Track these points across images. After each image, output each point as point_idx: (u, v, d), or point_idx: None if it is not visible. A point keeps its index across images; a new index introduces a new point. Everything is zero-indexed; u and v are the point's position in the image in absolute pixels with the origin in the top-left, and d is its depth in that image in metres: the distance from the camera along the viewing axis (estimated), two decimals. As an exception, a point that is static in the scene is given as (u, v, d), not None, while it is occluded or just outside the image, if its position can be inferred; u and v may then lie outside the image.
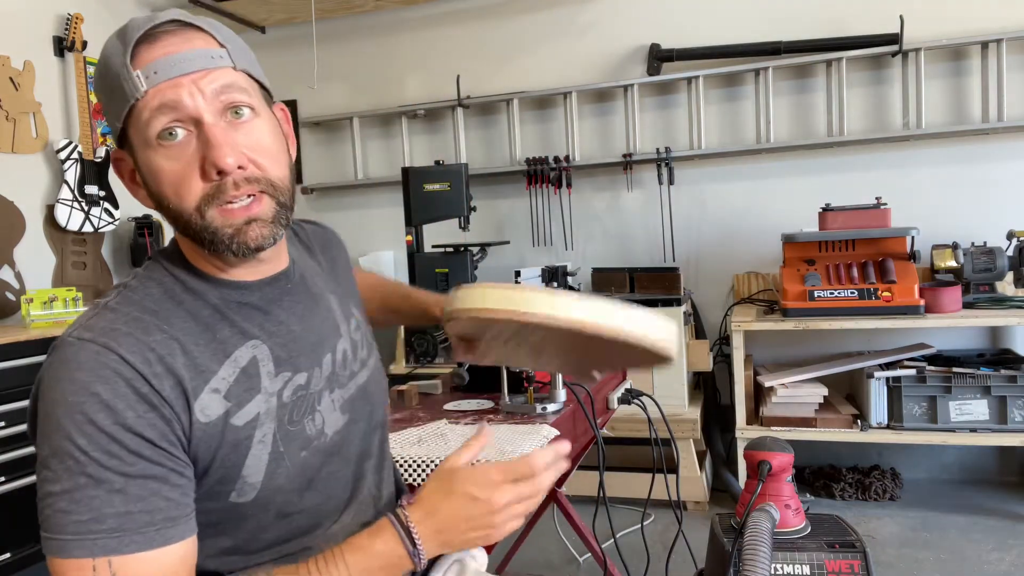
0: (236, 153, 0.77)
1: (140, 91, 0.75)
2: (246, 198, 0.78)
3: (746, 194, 3.37)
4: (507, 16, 3.66)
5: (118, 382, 0.72)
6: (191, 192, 0.77)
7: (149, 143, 0.77)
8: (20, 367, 2.41)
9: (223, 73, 0.78)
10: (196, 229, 0.78)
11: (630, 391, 1.84)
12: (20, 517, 2.40)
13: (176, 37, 0.78)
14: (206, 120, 0.76)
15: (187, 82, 0.76)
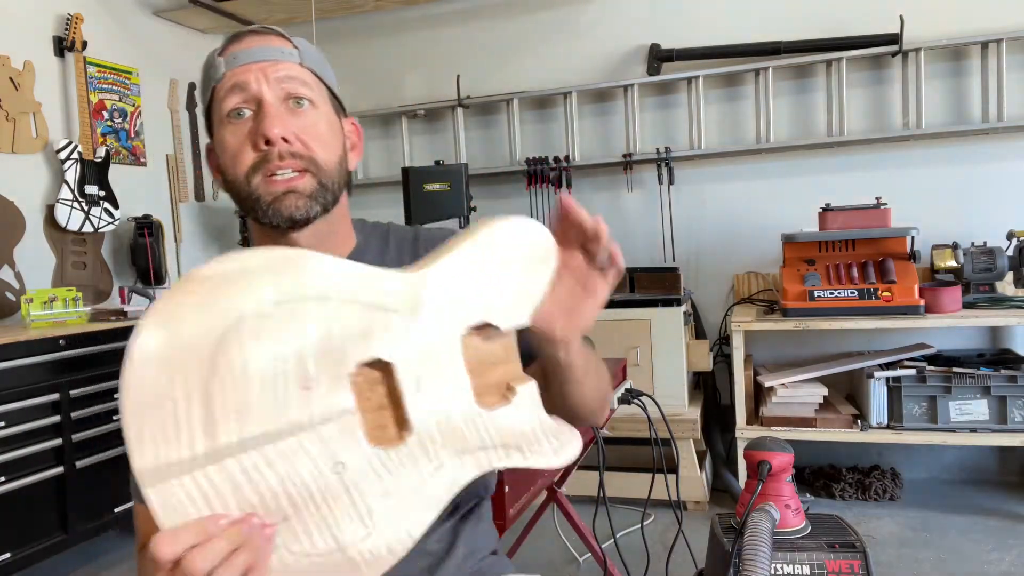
0: (285, 128, 0.84)
1: (220, 73, 0.87)
2: (290, 172, 0.85)
3: (746, 194, 3.37)
4: (507, 16, 3.66)
5: None
6: (243, 161, 0.86)
7: (221, 120, 0.87)
8: (20, 367, 2.41)
9: (289, 66, 0.88)
10: (243, 196, 0.86)
11: (630, 391, 1.84)
12: (20, 517, 2.40)
13: (259, 37, 0.90)
14: (266, 99, 0.85)
15: (256, 68, 0.86)
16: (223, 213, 4.06)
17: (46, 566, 2.63)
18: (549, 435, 0.74)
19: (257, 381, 0.60)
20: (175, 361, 0.59)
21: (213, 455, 0.59)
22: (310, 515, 0.62)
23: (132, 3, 3.55)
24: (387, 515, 0.66)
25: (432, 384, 0.70)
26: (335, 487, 0.64)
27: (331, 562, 0.63)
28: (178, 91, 3.79)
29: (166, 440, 0.58)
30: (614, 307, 3.05)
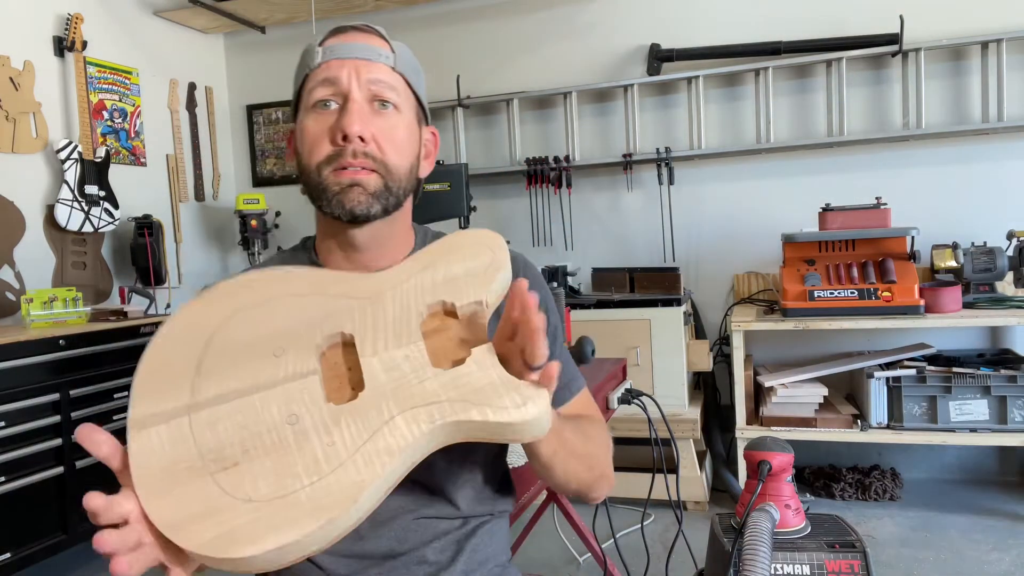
0: (364, 128, 0.88)
1: (315, 62, 0.90)
2: (360, 169, 0.88)
3: (746, 194, 3.37)
4: (507, 16, 3.66)
5: None
6: (319, 152, 0.89)
7: (307, 108, 0.91)
8: (20, 367, 2.41)
9: (381, 68, 0.91)
10: (312, 184, 0.90)
11: (630, 391, 1.84)
12: (20, 517, 2.40)
13: (360, 34, 0.93)
14: (352, 96, 0.88)
15: (350, 65, 0.89)
16: (223, 213, 4.06)
17: (46, 566, 2.63)
18: (510, 390, 0.73)
19: (239, 351, 0.73)
20: (181, 338, 0.74)
21: (190, 408, 0.70)
22: (259, 462, 0.67)
23: (132, 3, 3.55)
24: (332, 466, 0.67)
25: (387, 349, 0.75)
26: (287, 437, 0.69)
27: (271, 507, 0.65)
28: (178, 91, 3.79)
29: (157, 396, 0.70)
30: (614, 307, 3.05)
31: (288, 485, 0.66)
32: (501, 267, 0.82)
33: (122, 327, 2.77)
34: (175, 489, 0.65)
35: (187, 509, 0.64)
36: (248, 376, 0.72)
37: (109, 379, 2.70)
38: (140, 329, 2.84)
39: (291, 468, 0.67)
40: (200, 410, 0.69)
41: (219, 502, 0.65)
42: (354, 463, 0.67)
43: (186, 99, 3.87)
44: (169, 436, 0.68)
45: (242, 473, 0.66)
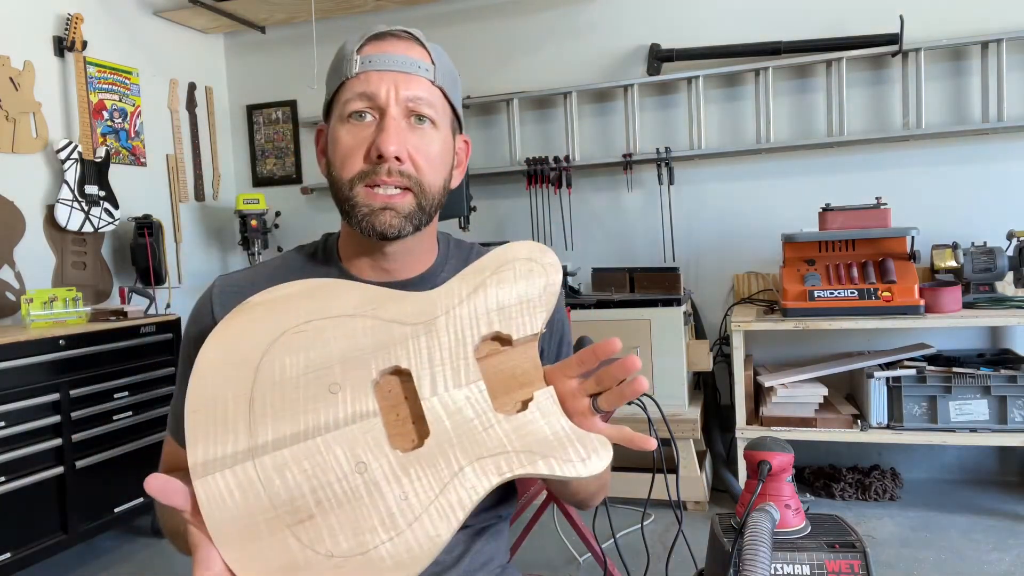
0: (400, 146, 0.86)
1: (353, 71, 0.87)
2: (393, 188, 0.87)
3: (746, 194, 3.37)
4: (507, 16, 3.66)
5: (206, 316, 0.93)
6: (353, 166, 0.87)
7: (342, 117, 0.88)
8: (20, 367, 2.41)
9: (421, 83, 0.88)
10: (343, 198, 0.89)
11: (630, 391, 1.84)
12: (20, 517, 2.40)
13: (400, 42, 0.90)
14: (390, 113, 0.86)
15: (389, 79, 0.87)
16: (223, 213, 4.06)
17: (46, 566, 2.63)
18: (574, 442, 0.73)
19: (292, 385, 0.70)
20: (227, 369, 0.70)
21: (251, 451, 0.67)
22: (334, 515, 0.67)
23: (132, 3, 3.55)
24: (408, 519, 0.68)
25: (447, 389, 0.73)
26: (358, 487, 0.68)
27: (353, 564, 0.65)
28: (178, 91, 3.79)
29: (214, 438, 0.68)
30: (614, 307, 3.05)
31: (367, 541, 0.66)
32: (556, 292, 0.81)
33: (122, 327, 2.77)
34: (254, 542, 0.65)
35: (271, 563, 0.64)
36: (307, 417, 0.69)
37: (109, 379, 2.70)
38: (140, 329, 2.84)
39: (367, 522, 0.67)
40: (263, 455, 0.67)
41: (301, 557, 0.65)
42: (429, 517, 0.68)
43: (186, 99, 3.87)
44: (236, 483, 0.66)
45: (319, 527, 0.66)
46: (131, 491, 2.77)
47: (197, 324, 0.94)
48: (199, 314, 0.95)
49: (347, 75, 0.88)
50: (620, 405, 0.75)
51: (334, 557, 0.65)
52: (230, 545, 0.64)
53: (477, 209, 3.45)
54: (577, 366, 0.76)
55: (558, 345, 1.05)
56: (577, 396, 0.76)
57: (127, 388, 2.77)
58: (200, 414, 0.68)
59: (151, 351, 2.87)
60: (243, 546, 0.64)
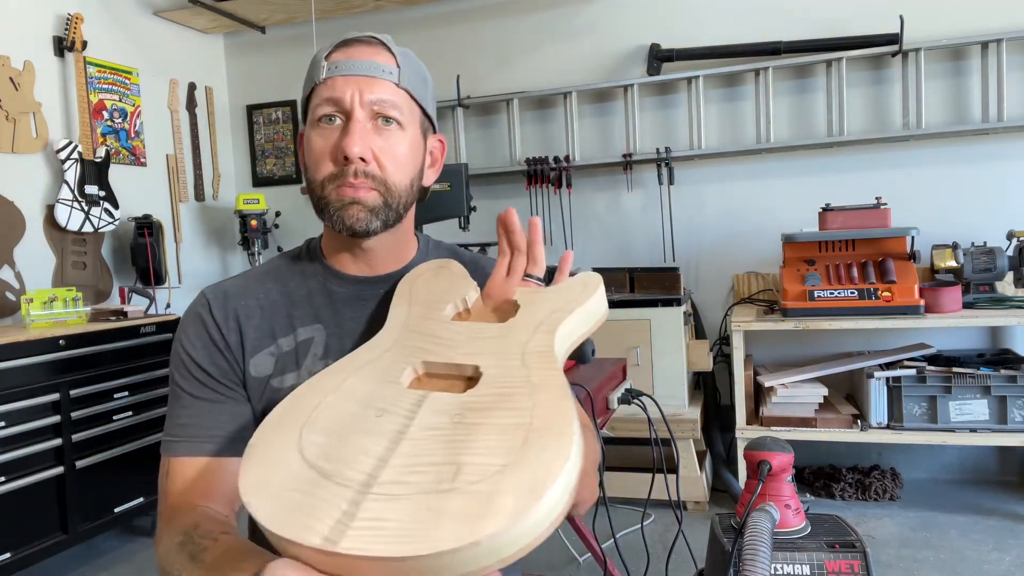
0: (364, 148, 0.89)
1: (321, 77, 0.91)
2: (359, 188, 0.91)
3: (746, 194, 3.37)
4: (507, 16, 3.66)
5: (200, 326, 0.95)
6: (323, 168, 0.92)
7: (313, 121, 0.93)
8: (20, 367, 2.41)
9: (385, 86, 0.91)
10: (317, 198, 0.94)
11: (630, 391, 1.84)
12: (20, 517, 2.40)
13: (366, 48, 0.93)
14: (354, 116, 0.90)
15: (353, 84, 0.90)
16: (223, 213, 4.06)
17: (46, 566, 2.63)
18: (571, 287, 0.88)
19: (345, 434, 0.67)
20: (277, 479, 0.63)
21: (357, 501, 0.60)
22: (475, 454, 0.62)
23: (132, 3, 3.55)
24: (529, 408, 0.66)
25: (455, 348, 0.79)
26: (472, 428, 0.66)
27: (518, 467, 0.61)
28: (178, 91, 3.79)
29: (314, 519, 0.59)
30: (614, 307, 3.05)
31: (519, 448, 0.63)
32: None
33: (122, 327, 2.77)
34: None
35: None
36: (376, 443, 0.65)
37: (109, 379, 2.70)
38: (140, 329, 2.84)
39: (504, 441, 0.63)
40: (367, 494, 0.60)
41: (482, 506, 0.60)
42: (541, 392, 0.69)
43: (186, 99, 3.87)
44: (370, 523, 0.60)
45: (467, 477, 0.61)
46: (131, 491, 2.77)
47: (195, 329, 0.95)
48: (195, 320, 0.96)
49: (316, 81, 0.92)
50: (541, 266, 0.91)
51: (505, 469, 0.60)
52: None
53: (477, 209, 3.45)
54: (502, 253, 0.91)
55: None
56: (512, 276, 0.91)
57: (127, 388, 2.77)
58: (283, 519, 0.60)
59: (151, 351, 2.87)
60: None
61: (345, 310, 0.98)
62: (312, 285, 1.00)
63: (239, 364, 0.94)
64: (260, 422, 0.93)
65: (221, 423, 0.92)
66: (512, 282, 0.90)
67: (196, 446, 0.91)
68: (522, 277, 0.91)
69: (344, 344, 0.97)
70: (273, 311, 0.97)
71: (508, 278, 0.90)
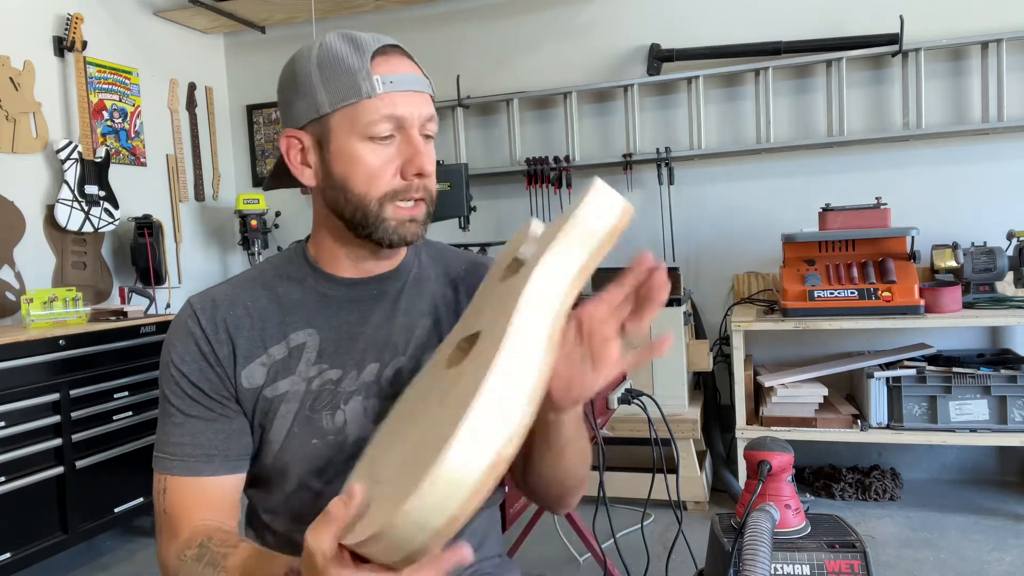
0: (430, 164, 0.91)
1: (376, 92, 0.87)
2: (414, 202, 0.92)
3: (746, 194, 3.37)
4: (507, 16, 3.66)
5: (189, 340, 0.93)
6: (382, 184, 0.90)
7: (363, 136, 0.88)
8: (20, 367, 2.41)
9: (429, 101, 0.93)
10: (369, 215, 0.90)
11: (630, 391, 1.84)
12: (20, 517, 2.40)
13: (403, 60, 0.91)
14: (417, 133, 0.90)
15: (413, 103, 0.89)
16: (223, 213, 4.06)
17: (46, 566, 2.63)
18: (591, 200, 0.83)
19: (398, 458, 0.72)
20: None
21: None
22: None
23: (132, 3, 3.55)
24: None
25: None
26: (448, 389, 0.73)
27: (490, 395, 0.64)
28: (178, 91, 3.79)
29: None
30: (614, 307, 3.05)
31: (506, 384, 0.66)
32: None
33: (122, 327, 2.77)
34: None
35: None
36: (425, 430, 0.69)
37: (109, 379, 2.70)
38: (140, 329, 2.84)
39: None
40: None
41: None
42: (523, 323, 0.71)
43: (186, 99, 3.87)
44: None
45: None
46: (131, 491, 2.77)
47: (184, 343, 0.93)
48: (184, 333, 0.94)
49: (368, 94, 0.87)
50: (647, 319, 0.81)
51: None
52: None
53: (477, 209, 3.45)
54: (618, 290, 0.82)
55: None
56: (607, 321, 0.80)
57: (127, 388, 2.77)
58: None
59: (151, 351, 2.87)
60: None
61: (339, 313, 0.97)
62: (303, 289, 0.98)
63: (230, 379, 0.93)
64: (255, 433, 0.94)
65: (215, 443, 0.92)
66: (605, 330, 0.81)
67: (193, 467, 0.91)
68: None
69: (339, 347, 0.96)
70: (263, 319, 0.95)
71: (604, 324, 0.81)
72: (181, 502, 0.90)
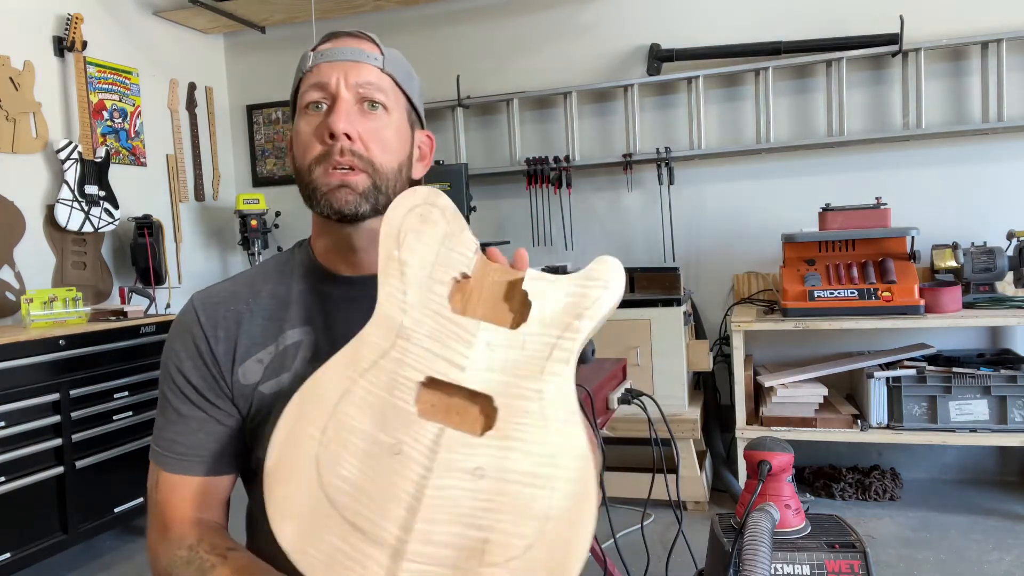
0: (351, 126, 0.89)
1: (308, 66, 0.93)
2: (347, 168, 0.90)
3: (746, 194, 3.37)
4: (507, 16, 3.66)
5: (187, 338, 0.94)
6: (311, 152, 0.91)
7: (300, 110, 0.93)
8: (20, 367, 2.41)
9: (370, 70, 0.93)
10: (304, 183, 0.93)
11: (630, 391, 1.84)
12: (20, 517, 2.40)
13: (352, 39, 0.95)
14: (340, 96, 0.90)
15: (340, 68, 0.91)
16: (223, 213, 4.06)
17: (46, 566, 2.63)
18: (584, 282, 0.76)
19: (367, 481, 0.67)
20: (314, 529, 0.66)
21: (396, 557, 0.64)
22: (505, 518, 0.65)
23: (132, 3, 3.55)
24: (549, 464, 0.67)
25: (466, 356, 0.73)
26: (492, 488, 0.66)
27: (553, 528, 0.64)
28: (178, 91, 3.79)
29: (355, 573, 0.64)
30: (614, 307, 3.05)
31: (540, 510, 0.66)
32: (455, 209, 0.86)
33: (122, 327, 2.77)
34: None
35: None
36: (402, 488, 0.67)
37: (109, 379, 2.70)
38: (140, 329, 2.84)
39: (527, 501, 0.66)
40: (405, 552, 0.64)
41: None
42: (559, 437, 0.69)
43: (186, 99, 3.87)
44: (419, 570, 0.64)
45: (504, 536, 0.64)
46: (131, 491, 2.78)
47: (182, 340, 0.94)
48: (183, 330, 0.95)
49: (303, 70, 0.93)
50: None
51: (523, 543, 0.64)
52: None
53: (477, 209, 3.45)
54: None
55: None
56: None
57: (127, 388, 2.77)
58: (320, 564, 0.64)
59: (151, 351, 2.87)
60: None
61: (336, 311, 0.97)
62: (303, 287, 0.98)
63: (226, 377, 0.93)
64: (249, 430, 0.93)
65: (208, 443, 0.92)
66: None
67: (186, 466, 0.91)
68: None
69: (334, 346, 0.94)
70: (262, 316, 0.96)
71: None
72: (171, 498, 0.91)
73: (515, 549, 0.63)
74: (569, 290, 0.76)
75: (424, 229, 0.79)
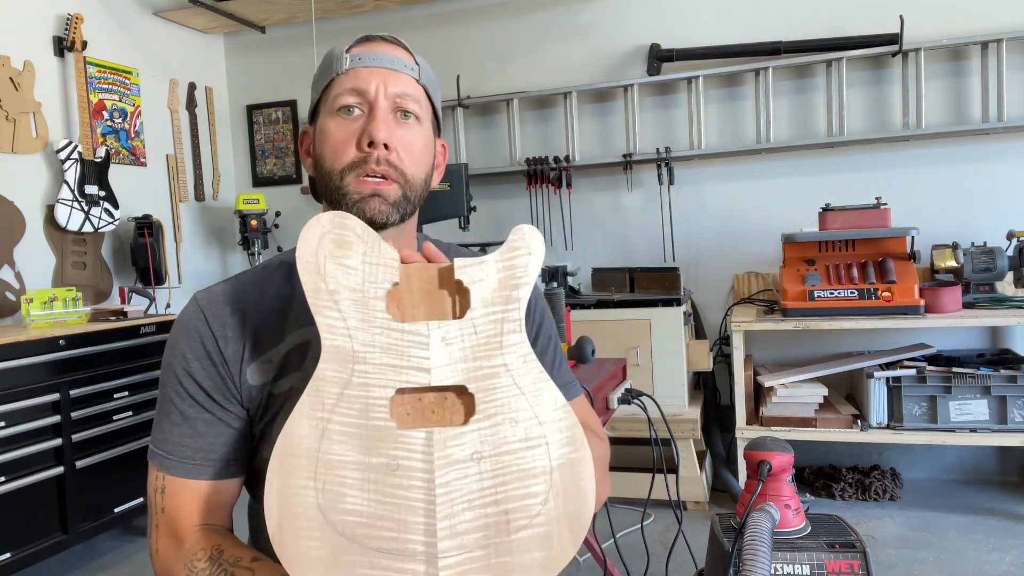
0: (390, 135, 0.90)
1: (343, 68, 0.91)
2: (380, 177, 0.90)
3: (746, 194, 3.37)
4: (507, 16, 3.66)
5: (194, 337, 0.91)
6: (344, 157, 0.90)
7: (331, 111, 0.92)
8: (20, 367, 2.41)
9: (407, 80, 0.93)
10: (333, 189, 0.91)
11: (630, 391, 1.84)
12: (20, 517, 2.40)
13: (388, 44, 0.94)
14: (379, 104, 0.90)
15: (379, 74, 0.91)
16: (223, 213, 4.06)
17: (46, 566, 2.63)
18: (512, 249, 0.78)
19: (378, 510, 0.69)
20: (342, 569, 0.68)
21: (431, 561, 0.68)
22: (512, 491, 0.70)
23: (132, 3, 3.55)
24: (536, 423, 0.73)
25: (425, 356, 0.75)
26: (494, 465, 0.71)
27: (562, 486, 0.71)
28: (178, 91, 3.79)
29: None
30: (614, 307, 3.05)
31: (541, 464, 0.72)
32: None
33: (122, 327, 2.77)
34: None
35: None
36: (408, 507, 0.70)
37: (109, 379, 2.70)
38: (140, 329, 2.84)
39: (531, 475, 0.72)
40: (442, 557, 0.69)
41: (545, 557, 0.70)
42: (538, 399, 0.74)
43: (186, 99, 3.87)
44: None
45: (526, 512, 0.70)
46: (131, 491, 2.78)
47: (188, 340, 0.92)
48: (189, 330, 0.92)
49: (337, 72, 0.91)
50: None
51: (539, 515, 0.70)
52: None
53: (477, 209, 3.45)
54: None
55: (536, 334, 1.05)
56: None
57: (127, 388, 2.77)
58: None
59: (151, 351, 2.87)
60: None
61: None
62: None
63: (234, 378, 0.91)
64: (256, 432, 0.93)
65: (216, 446, 0.90)
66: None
67: (193, 470, 0.89)
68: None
69: None
70: (269, 316, 0.94)
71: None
72: (180, 504, 0.89)
73: (535, 507, 0.69)
74: (498, 266, 0.79)
75: (342, 253, 0.78)
